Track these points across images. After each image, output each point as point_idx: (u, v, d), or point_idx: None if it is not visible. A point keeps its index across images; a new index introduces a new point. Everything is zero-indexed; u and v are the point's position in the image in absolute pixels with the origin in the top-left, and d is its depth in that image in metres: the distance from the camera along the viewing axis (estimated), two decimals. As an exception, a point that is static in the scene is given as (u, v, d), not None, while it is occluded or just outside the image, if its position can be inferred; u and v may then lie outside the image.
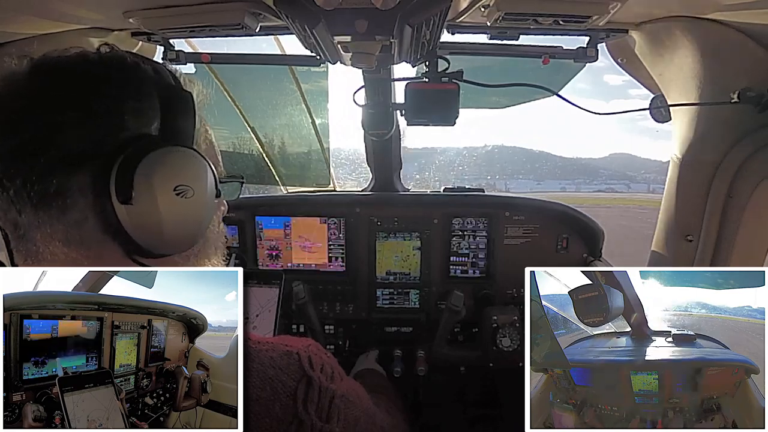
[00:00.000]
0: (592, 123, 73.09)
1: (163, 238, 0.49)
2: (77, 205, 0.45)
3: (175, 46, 1.20)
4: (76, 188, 0.45)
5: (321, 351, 0.58)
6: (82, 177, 0.45)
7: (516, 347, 1.40)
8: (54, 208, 0.45)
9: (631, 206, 7.73)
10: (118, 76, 0.48)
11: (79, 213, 0.46)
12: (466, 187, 1.71)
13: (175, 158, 0.49)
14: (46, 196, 0.45)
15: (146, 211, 0.47)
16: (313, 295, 1.48)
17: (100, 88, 0.47)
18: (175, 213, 0.49)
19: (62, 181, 0.44)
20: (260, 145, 2.02)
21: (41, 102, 0.45)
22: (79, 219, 0.46)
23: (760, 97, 0.90)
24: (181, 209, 0.49)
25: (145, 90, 0.49)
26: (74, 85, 0.46)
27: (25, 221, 0.46)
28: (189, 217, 0.51)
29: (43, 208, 0.45)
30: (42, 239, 0.47)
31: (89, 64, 0.49)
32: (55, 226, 0.46)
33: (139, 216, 0.47)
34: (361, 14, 0.82)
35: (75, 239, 0.47)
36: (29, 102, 0.45)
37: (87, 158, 0.45)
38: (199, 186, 0.51)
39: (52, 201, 0.45)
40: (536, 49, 1.16)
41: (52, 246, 0.47)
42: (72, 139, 0.45)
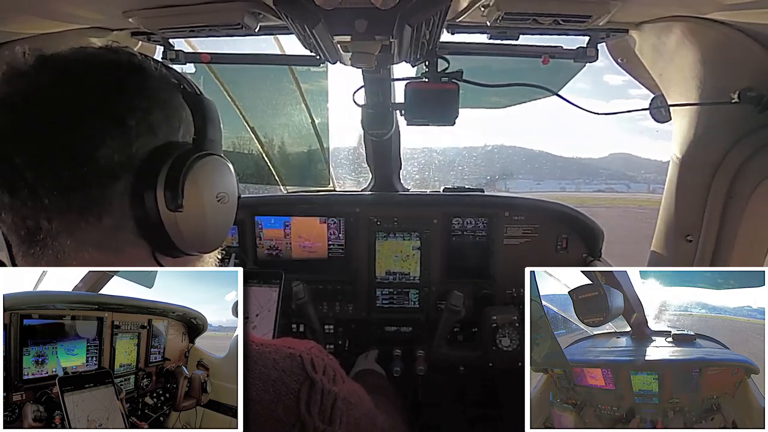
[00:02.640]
0: (592, 123, 71.89)
1: (205, 242, 0.53)
2: (115, 213, 0.46)
3: (175, 46, 1.20)
4: (114, 197, 0.46)
5: (323, 353, 0.59)
6: (120, 185, 0.46)
7: (516, 347, 1.40)
8: (92, 215, 0.45)
9: (630, 206, 7.73)
10: (147, 85, 0.49)
11: (115, 220, 0.47)
12: (466, 187, 1.71)
13: (215, 167, 0.53)
14: (84, 205, 0.45)
15: (194, 218, 0.50)
16: (312, 295, 1.48)
17: (133, 98, 0.47)
18: (216, 218, 0.53)
19: (100, 191, 0.45)
20: (260, 145, 2.02)
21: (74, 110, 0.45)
22: (117, 226, 0.47)
23: (760, 97, 0.90)
24: (220, 214, 0.54)
25: (173, 100, 0.51)
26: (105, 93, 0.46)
27: (52, 228, 0.45)
28: (225, 221, 0.56)
29: (81, 215, 0.45)
30: (73, 245, 0.46)
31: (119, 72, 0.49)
32: (90, 233, 0.46)
33: (187, 222, 0.49)
34: (360, 14, 0.82)
35: (110, 246, 0.47)
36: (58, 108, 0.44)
37: (123, 167, 0.46)
38: (232, 192, 0.56)
39: (91, 209, 0.45)
40: (536, 49, 1.16)
41: (84, 251, 0.47)
42: (108, 150, 0.45)
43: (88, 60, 0.48)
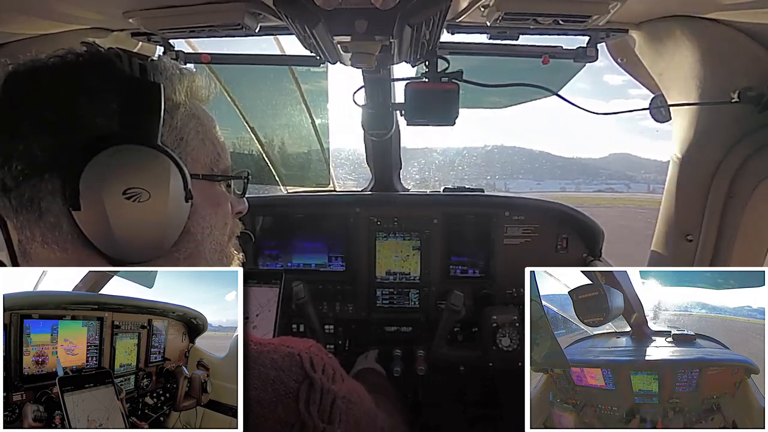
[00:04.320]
0: (592, 123, 72.88)
1: (117, 245, 0.47)
2: (51, 210, 0.46)
3: (175, 47, 1.20)
4: (47, 194, 0.46)
5: (322, 352, 0.58)
6: (52, 182, 0.45)
7: (516, 347, 1.40)
8: (31, 212, 0.46)
9: (630, 206, 7.73)
10: (76, 74, 0.47)
11: (53, 217, 0.46)
12: (466, 187, 1.71)
13: (126, 159, 0.46)
14: (22, 202, 0.46)
15: (94, 218, 0.45)
16: (312, 295, 1.48)
17: (58, 89, 0.46)
18: (126, 219, 0.46)
19: (34, 188, 0.45)
20: (260, 145, 2.02)
21: (5, 110, 0.46)
22: (54, 223, 0.47)
23: (760, 97, 0.90)
24: (134, 214, 0.46)
25: (104, 86, 0.47)
26: (31, 89, 0.47)
27: (12, 225, 0.48)
28: (146, 223, 0.47)
29: (23, 212, 0.47)
30: (26, 241, 0.49)
31: (43, 69, 0.48)
32: (34, 229, 0.47)
33: (88, 222, 0.46)
34: (360, 14, 0.82)
35: (52, 242, 0.48)
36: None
37: (52, 163, 0.45)
38: (157, 188, 0.47)
39: (29, 206, 0.46)
40: (536, 49, 1.16)
41: (34, 246, 0.48)
42: (35, 145, 0.45)
43: (27, 60, 0.49)
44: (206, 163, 0.56)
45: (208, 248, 0.57)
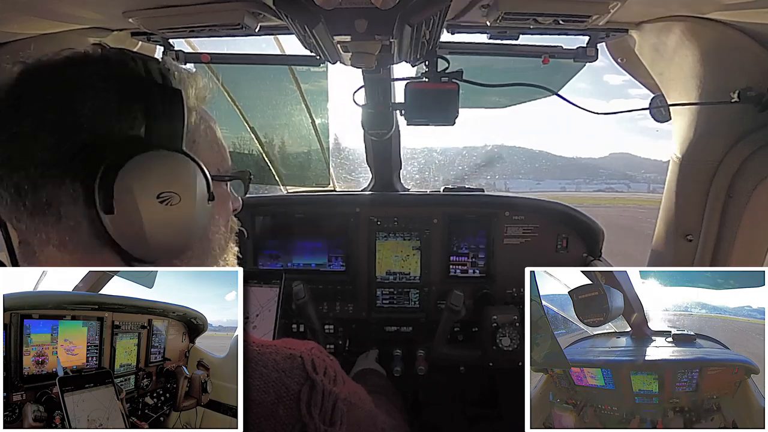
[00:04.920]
0: (592, 123, 72.53)
1: (148, 247, 0.48)
2: (70, 213, 0.46)
3: (175, 46, 1.20)
4: (67, 197, 0.45)
5: (323, 354, 0.58)
6: (72, 185, 0.45)
7: (516, 347, 1.40)
8: (48, 216, 0.46)
9: (630, 206, 7.73)
10: (98, 77, 0.47)
11: (72, 221, 0.46)
12: (466, 187, 1.71)
13: (158, 163, 0.47)
14: (38, 205, 0.45)
15: (128, 221, 0.46)
16: (313, 295, 1.48)
17: (80, 93, 0.46)
18: (160, 221, 0.47)
19: (52, 192, 0.45)
20: (260, 145, 2.02)
21: (23, 111, 0.45)
22: (73, 226, 0.46)
23: (760, 97, 0.90)
24: (166, 217, 0.48)
25: (128, 91, 0.47)
26: (53, 91, 0.46)
27: (23, 228, 0.47)
28: (176, 225, 0.49)
29: (39, 216, 0.46)
30: (39, 244, 0.48)
31: (71, 68, 0.47)
32: (50, 233, 0.47)
33: (121, 225, 0.46)
34: (360, 14, 0.82)
35: (70, 246, 0.47)
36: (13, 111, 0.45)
37: (74, 166, 0.45)
38: (186, 192, 0.49)
39: (46, 209, 0.45)
40: (536, 49, 1.16)
41: (48, 250, 0.48)
42: (56, 148, 0.44)
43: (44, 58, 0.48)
44: (214, 164, 0.57)
45: (216, 245, 0.59)
